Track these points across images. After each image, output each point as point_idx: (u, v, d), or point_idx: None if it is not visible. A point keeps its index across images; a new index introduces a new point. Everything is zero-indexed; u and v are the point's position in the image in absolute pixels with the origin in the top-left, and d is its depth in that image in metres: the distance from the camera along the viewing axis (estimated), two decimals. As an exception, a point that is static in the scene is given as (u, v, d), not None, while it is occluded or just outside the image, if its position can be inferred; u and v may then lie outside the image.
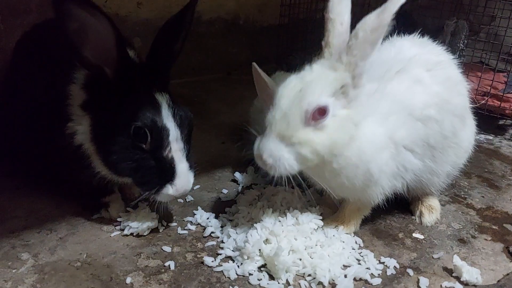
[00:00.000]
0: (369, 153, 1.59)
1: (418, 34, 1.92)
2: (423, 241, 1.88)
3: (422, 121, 1.70)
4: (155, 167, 1.60)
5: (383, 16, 1.44)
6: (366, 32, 1.46)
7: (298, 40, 4.05)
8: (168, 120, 1.60)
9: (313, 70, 1.57)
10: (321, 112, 1.49)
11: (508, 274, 1.72)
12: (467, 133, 1.95)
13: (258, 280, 1.58)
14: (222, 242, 1.76)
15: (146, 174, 1.61)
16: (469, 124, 1.99)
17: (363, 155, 1.58)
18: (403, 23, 1.75)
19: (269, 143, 1.51)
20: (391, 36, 1.83)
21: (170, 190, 1.60)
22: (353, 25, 1.53)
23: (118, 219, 1.84)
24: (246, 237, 1.68)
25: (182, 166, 1.62)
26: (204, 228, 1.84)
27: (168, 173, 1.60)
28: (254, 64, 1.94)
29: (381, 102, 1.62)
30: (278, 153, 1.51)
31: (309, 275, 1.61)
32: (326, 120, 1.50)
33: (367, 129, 1.58)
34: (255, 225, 1.72)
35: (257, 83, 2.00)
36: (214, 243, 1.76)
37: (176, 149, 1.61)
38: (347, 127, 1.54)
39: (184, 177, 1.62)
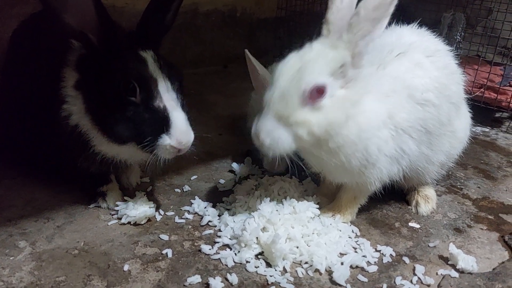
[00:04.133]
0: (368, 130, 1.58)
1: (416, 25, 1.93)
2: (419, 230, 1.90)
3: (421, 105, 1.70)
4: (149, 118, 1.57)
5: None
6: (368, 9, 1.45)
7: (295, 32, 4.05)
8: (155, 72, 1.59)
9: (313, 48, 1.55)
10: (319, 91, 1.49)
11: (503, 263, 1.73)
12: (462, 123, 1.96)
13: (255, 267, 1.59)
14: (220, 230, 1.77)
15: (142, 129, 1.57)
16: (464, 115, 2.00)
17: (362, 132, 1.57)
18: (401, 16, 1.76)
19: (267, 123, 1.51)
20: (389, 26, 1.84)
21: (168, 140, 1.56)
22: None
23: (116, 208, 1.84)
24: (243, 225, 1.69)
25: (177, 115, 1.58)
26: (202, 217, 1.85)
27: (163, 122, 1.56)
28: (247, 51, 1.94)
29: (382, 81, 1.63)
30: (275, 134, 1.51)
31: (306, 262, 1.62)
32: (324, 100, 1.50)
33: (366, 106, 1.58)
34: (252, 213, 1.73)
35: (250, 70, 2.01)
36: (211, 231, 1.77)
37: (168, 99, 1.59)
38: (344, 108, 1.53)
39: (181, 125, 1.58)
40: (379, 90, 1.62)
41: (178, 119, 1.58)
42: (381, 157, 1.65)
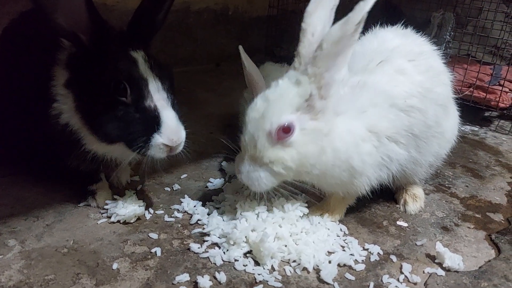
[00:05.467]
0: (346, 152, 1.61)
1: (402, 25, 1.94)
2: (407, 228, 1.92)
3: (405, 112, 1.71)
4: (139, 118, 1.57)
5: (346, 27, 1.42)
6: (330, 43, 1.45)
7: (287, 31, 4.06)
8: (145, 72, 1.60)
9: (279, 86, 1.59)
10: (286, 130, 1.53)
11: (489, 261, 1.75)
12: (450, 123, 1.98)
13: (244, 265, 1.60)
14: (204, 227, 1.78)
15: (132, 129, 1.58)
16: (452, 115, 2.02)
17: (342, 154, 1.60)
18: (391, 15, 1.77)
19: (244, 165, 1.61)
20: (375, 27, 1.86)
21: (159, 139, 1.57)
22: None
23: (105, 207, 1.85)
24: (234, 223, 1.70)
25: (167, 114, 1.59)
26: (191, 216, 1.85)
27: (153, 122, 1.57)
28: (241, 47, 1.95)
29: (360, 96, 1.64)
30: (253, 174, 1.59)
31: (294, 261, 1.64)
32: (293, 136, 1.54)
33: (340, 129, 1.60)
34: (243, 213, 1.74)
35: (244, 68, 2.02)
36: (200, 230, 1.78)
37: (158, 99, 1.60)
38: (317, 139, 1.57)
39: (172, 124, 1.59)
40: (354, 108, 1.63)
41: (169, 117, 1.59)
42: (367, 168, 1.68)
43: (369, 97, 1.66)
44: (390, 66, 1.73)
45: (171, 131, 1.58)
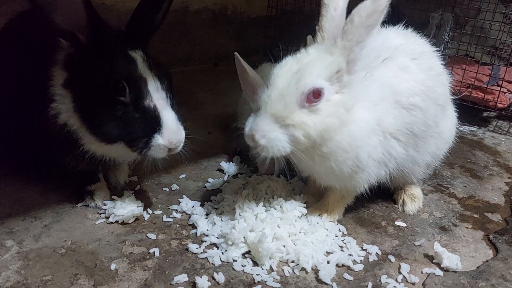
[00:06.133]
0: (359, 139, 1.61)
1: (403, 26, 1.94)
2: (405, 229, 1.92)
3: (407, 110, 1.72)
4: (139, 118, 1.57)
5: (378, 2, 1.46)
6: (362, 17, 1.48)
7: (285, 31, 4.06)
8: (144, 72, 1.60)
9: (309, 53, 1.58)
10: (316, 94, 1.51)
11: (487, 261, 1.75)
12: (448, 124, 1.98)
13: (242, 266, 1.60)
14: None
15: (132, 129, 1.58)
16: (450, 116, 2.03)
17: (354, 140, 1.60)
18: (390, 15, 1.77)
19: (263, 123, 1.52)
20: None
21: (160, 140, 1.56)
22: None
23: (103, 207, 1.84)
24: (233, 224, 1.70)
25: (167, 114, 1.59)
26: (189, 216, 1.85)
27: (154, 122, 1.57)
28: (236, 54, 1.94)
29: (371, 88, 1.65)
30: (272, 134, 1.51)
31: (293, 261, 1.64)
32: (320, 103, 1.52)
33: (358, 115, 1.60)
34: (242, 214, 1.74)
35: (239, 73, 2.01)
36: (199, 230, 1.77)
37: (158, 98, 1.60)
38: (339, 112, 1.56)
39: (172, 125, 1.58)
40: (369, 98, 1.64)
41: (169, 118, 1.59)
42: (370, 162, 1.68)
43: (379, 90, 1.67)
44: (394, 63, 1.74)
45: (172, 132, 1.58)
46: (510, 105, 3.19)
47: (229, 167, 2.25)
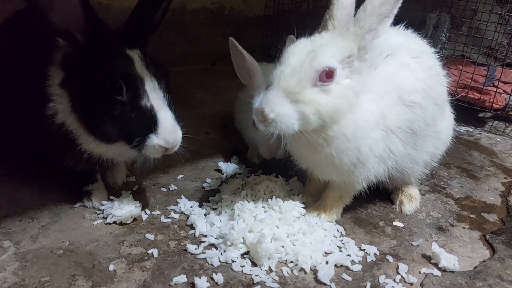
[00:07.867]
0: (363, 130, 1.62)
1: (402, 26, 1.95)
2: (403, 229, 1.92)
3: (408, 107, 1.73)
4: (136, 118, 1.57)
5: None
6: (374, 6, 1.52)
7: (283, 31, 4.05)
8: (141, 71, 1.60)
9: (323, 36, 1.61)
10: (329, 75, 1.52)
11: (484, 261, 1.76)
12: (445, 124, 1.99)
13: (241, 266, 1.60)
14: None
15: (129, 128, 1.57)
16: (447, 116, 2.03)
17: (357, 130, 1.61)
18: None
19: (274, 97, 1.51)
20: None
21: (155, 140, 1.56)
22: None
23: (101, 207, 1.84)
24: (232, 224, 1.70)
25: (164, 114, 1.59)
26: (188, 217, 1.85)
27: (150, 122, 1.57)
28: (231, 38, 1.94)
29: (376, 81, 1.66)
30: (282, 109, 1.50)
31: (291, 262, 1.64)
32: (332, 84, 1.53)
33: (364, 106, 1.61)
34: (240, 214, 1.74)
35: (235, 58, 2.00)
36: (197, 231, 1.77)
37: (155, 98, 1.60)
38: (348, 96, 1.57)
39: (168, 125, 1.58)
40: (375, 91, 1.65)
41: (166, 118, 1.59)
42: (371, 157, 1.68)
43: (383, 84, 1.68)
44: (396, 60, 1.75)
45: (168, 132, 1.58)
46: (506, 106, 3.21)
47: (227, 167, 2.24)
